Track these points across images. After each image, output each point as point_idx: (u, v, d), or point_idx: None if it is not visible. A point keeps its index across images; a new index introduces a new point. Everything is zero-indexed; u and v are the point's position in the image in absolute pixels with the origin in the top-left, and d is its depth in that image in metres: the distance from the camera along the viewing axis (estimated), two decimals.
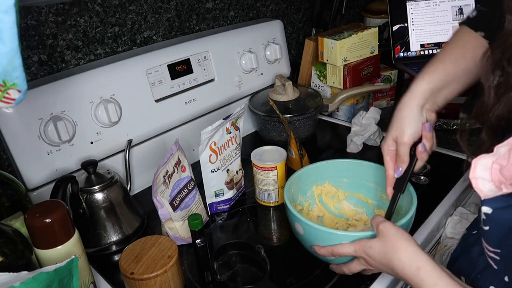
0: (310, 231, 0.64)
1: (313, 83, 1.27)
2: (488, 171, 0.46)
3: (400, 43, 1.26)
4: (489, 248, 0.52)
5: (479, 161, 0.47)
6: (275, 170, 0.83)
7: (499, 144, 0.46)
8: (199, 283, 0.70)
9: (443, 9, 1.25)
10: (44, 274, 0.45)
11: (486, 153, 0.47)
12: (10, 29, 0.37)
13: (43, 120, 0.77)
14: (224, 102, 1.08)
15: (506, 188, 0.46)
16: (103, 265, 0.74)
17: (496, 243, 0.50)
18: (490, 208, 0.49)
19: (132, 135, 0.90)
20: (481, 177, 0.47)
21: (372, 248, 0.57)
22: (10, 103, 0.41)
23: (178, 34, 1.08)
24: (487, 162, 0.46)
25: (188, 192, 0.79)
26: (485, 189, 0.47)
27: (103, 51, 0.94)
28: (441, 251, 0.81)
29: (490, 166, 0.46)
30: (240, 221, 0.85)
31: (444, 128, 1.09)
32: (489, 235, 0.51)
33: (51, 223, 0.56)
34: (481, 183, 0.47)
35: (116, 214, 0.77)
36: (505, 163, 0.45)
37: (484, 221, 0.50)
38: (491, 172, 0.46)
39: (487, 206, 0.49)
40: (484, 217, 0.50)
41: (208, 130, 0.78)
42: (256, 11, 1.25)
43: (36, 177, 0.78)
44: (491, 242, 0.51)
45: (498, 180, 0.46)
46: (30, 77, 0.84)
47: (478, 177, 0.47)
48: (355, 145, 1.02)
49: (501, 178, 0.46)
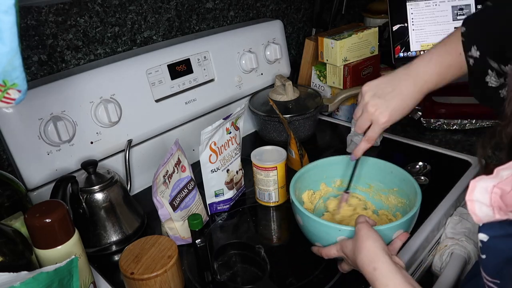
0: (309, 223, 0.67)
1: (313, 83, 1.27)
2: (487, 195, 0.43)
3: (400, 43, 1.26)
4: (487, 278, 0.48)
5: (478, 183, 0.43)
6: (275, 170, 0.83)
7: (501, 166, 0.43)
8: (199, 283, 0.70)
9: (443, 9, 1.25)
10: (44, 274, 0.45)
11: (485, 175, 0.43)
12: (10, 29, 0.37)
13: (43, 120, 0.77)
14: (224, 102, 1.08)
15: (506, 215, 0.42)
16: (103, 265, 0.74)
17: (494, 274, 0.47)
18: (486, 236, 0.46)
19: (132, 135, 0.90)
20: (478, 200, 0.43)
21: (347, 247, 0.61)
22: (10, 103, 0.41)
23: (178, 34, 1.08)
24: (487, 185, 0.43)
25: (188, 192, 0.79)
26: (482, 214, 0.43)
27: (103, 51, 0.94)
28: (441, 251, 0.81)
29: (490, 190, 0.42)
30: (240, 221, 0.85)
31: (444, 128, 1.09)
32: (486, 264, 0.48)
33: (51, 223, 0.56)
34: (477, 207, 0.43)
35: (116, 214, 0.77)
36: (508, 189, 0.41)
37: (481, 249, 0.47)
38: (491, 196, 0.42)
39: (483, 233, 0.46)
40: (481, 244, 0.47)
41: (208, 130, 0.78)
42: (256, 11, 1.25)
43: (36, 177, 0.78)
44: (489, 272, 0.48)
45: (498, 205, 0.42)
46: (30, 77, 0.84)
47: (475, 200, 0.43)
48: (355, 145, 1.02)
49: (501, 204, 0.42)
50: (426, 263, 0.81)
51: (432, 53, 0.68)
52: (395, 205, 0.76)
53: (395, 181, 0.76)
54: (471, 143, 1.02)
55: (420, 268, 0.79)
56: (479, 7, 1.22)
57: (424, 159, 0.94)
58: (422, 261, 0.79)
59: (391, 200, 0.78)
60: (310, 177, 0.80)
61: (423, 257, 0.78)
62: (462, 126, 1.08)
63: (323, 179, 0.82)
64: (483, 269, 0.49)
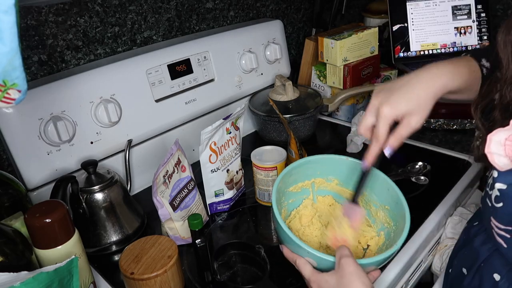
0: (281, 233, 0.61)
1: (313, 83, 1.27)
2: (501, 147, 0.48)
3: (400, 43, 1.26)
4: (500, 226, 0.51)
5: (493, 137, 0.48)
6: (275, 170, 0.83)
7: None
8: (199, 283, 0.70)
9: (443, 9, 1.25)
10: (44, 274, 0.45)
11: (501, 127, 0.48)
12: (10, 29, 0.37)
13: (43, 120, 0.77)
14: (224, 102, 1.08)
15: None
16: (103, 265, 0.74)
17: (510, 220, 0.50)
18: (504, 184, 0.49)
19: (132, 135, 0.90)
20: (495, 152, 0.48)
21: (327, 282, 0.55)
22: (10, 103, 0.41)
23: (178, 34, 1.08)
24: (500, 138, 0.48)
25: (188, 192, 0.79)
26: (501, 163, 0.48)
27: (103, 51, 0.94)
28: (441, 251, 0.81)
29: (503, 142, 0.48)
30: (240, 221, 0.85)
31: (444, 128, 1.09)
32: (502, 212, 0.51)
33: (51, 223, 0.56)
34: (496, 158, 0.48)
35: (116, 214, 0.77)
36: None
37: (497, 198, 0.50)
38: (505, 148, 0.48)
39: (501, 183, 0.49)
40: (498, 193, 0.50)
41: (208, 130, 0.78)
42: (256, 11, 1.25)
43: (36, 177, 0.78)
44: (504, 220, 0.51)
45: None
46: (30, 77, 0.84)
47: (493, 152, 0.48)
48: (355, 145, 1.02)
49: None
50: (426, 263, 0.81)
51: (443, 61, 0.62)
52: (382, 223, 0.70)
53: (389, 200, 0.68)
54: (471, 143, 1.02)
55: (420, 268, 0.79)
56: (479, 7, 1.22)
57: (424, 159, 0.94)
58: (422, 261, 0.79)
59: (379, 216, 0.71)
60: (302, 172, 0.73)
61: (423, 257, 0.78)
62: (462, 126, 1.08)
63: (317, 175, 0.75)
64: (496, 219, 0.52)
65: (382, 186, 0.69)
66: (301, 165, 0.72)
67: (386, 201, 0.69)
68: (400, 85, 0.59)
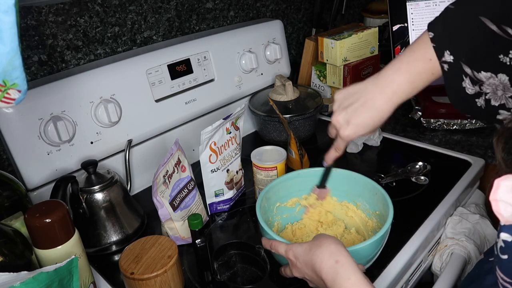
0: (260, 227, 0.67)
1: (313, 83, 1.27)
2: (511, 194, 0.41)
3: (400, 43, 1.26)
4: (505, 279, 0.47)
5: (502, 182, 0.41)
6: (275, 170, 0.83)
7: None
8: (199, 283, 0.70)
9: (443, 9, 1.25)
10: (44, 274, 0.45)
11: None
12: (10, 29, 0.37)
13: (43, 120, 0.77)
14: (224, 102, 1.08)
15: None
16: (103, 265, 0.74)
17: None
18: (510, 236, 0.44)
19: (132, 135, 0.90)
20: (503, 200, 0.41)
21: (300, 246, 0.58)
22: (10, 103, 0.41)
23: (178, 34, 1.08)
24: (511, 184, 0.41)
25: (188, 192, 0.79)
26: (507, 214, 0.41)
27: (103, 51, 0.94)
28: (441, 251, 0.81)
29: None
30: (240, 221, 0.85)
31: (444, 128, 1.09)
32: (506, 264, 0.46)
33: (51, 223, 0.56)
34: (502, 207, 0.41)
35: (116, 214, 0.77)
36: None
37: (502, 249, 0.46)
38: None
39: (506, 233, 0.44)
40: (503, 244, 0.45)
41: (208, 130, 0.78)
42: (256, 11, 1.25)
43: (36, 177, 0.78)
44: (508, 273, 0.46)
45: None
46: (30, 77, 0.84)
47: (500, 200, 0.41)
48: (355, 145, 1.02)
49: None
50: (426, 263, 0.81)
51: (400, 61, 0.62)
52: (374, 228, 0.73)
53: (378, 204, 0.72)
54: (471, 143, 1.02)
55: (420, 268, 0.79)
56: None
57: (424, 159, 0.94)
58: (422, 261, 0.79)
59: (372, 223, 0.74)
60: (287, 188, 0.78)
61: (423, 257, 0.78)
62: (462, 126, 1.08)
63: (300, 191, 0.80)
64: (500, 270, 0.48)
65: (371, 192, 0.73)
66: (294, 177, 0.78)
67: (376, 206, 0.73)
68: (361, 104, 0.63)
